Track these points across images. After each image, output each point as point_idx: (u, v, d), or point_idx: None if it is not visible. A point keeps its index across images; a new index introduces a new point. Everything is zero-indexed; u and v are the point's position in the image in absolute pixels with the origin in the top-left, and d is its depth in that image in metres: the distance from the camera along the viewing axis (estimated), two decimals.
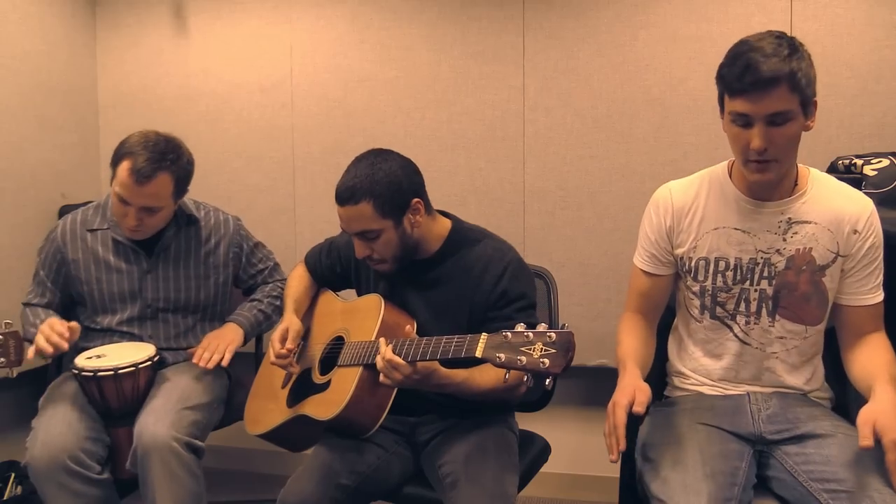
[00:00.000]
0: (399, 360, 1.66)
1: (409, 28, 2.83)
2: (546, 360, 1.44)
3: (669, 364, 1.93)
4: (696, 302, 1.80)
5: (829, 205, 1.70)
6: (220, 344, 2.18)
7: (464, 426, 1.88)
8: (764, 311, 1.74)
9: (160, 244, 2.24)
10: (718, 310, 1.78)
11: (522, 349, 1.47)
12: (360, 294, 2.07)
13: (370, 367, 1.76)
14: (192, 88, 3.07)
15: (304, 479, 1.78)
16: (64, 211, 2.77)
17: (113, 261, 2.23)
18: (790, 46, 1.56)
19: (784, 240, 1.71)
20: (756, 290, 1.74)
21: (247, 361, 2.53)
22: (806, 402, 1.76)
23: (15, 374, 1.87)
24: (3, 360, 1.71)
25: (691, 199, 1.79)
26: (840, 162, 2.25)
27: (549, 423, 2.35)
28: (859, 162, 2.19)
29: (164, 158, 2.07)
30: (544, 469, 2.10)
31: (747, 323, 1.76)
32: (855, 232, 1.68)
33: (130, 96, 3.12)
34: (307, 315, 2.14)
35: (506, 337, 1.50)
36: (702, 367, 1.83)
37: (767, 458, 1.69)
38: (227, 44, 3.02)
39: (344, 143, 2.93)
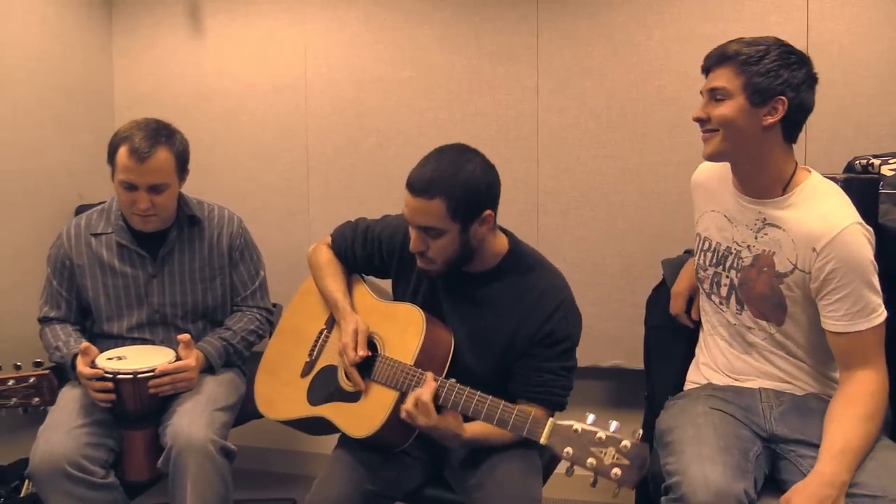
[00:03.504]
0: (431, 406, 1.62)
1: (423, 28, 2.83)
2: (618, 471, 1.40)
3: (697, 347, 1.98)
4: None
5: (803, 216, 1.69)
6: (188, 385, 2.10)
7: None
8: (733, 298, 1.82)
9: (164, 247, 2.23)
10: (705, 287, 1.89)
11: (593, 450, 1.43)
12: (395, 289, 2.00)
13: (406, 394, 1.72)
14: (206, 89, 3.08)
15: (330, 485, 1.77)
16: (80, 211, 2.78)
17: (118, 265, 2.22)
18: (758, 44, 1.67)
19: (755, 238, 1.77)
20: (727, 277, 1.82)
21: (260, 359, 2.54)
22: (822, 404, 1.74)
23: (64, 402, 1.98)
24: (37, 399, 1.85)
25: (705, 178, 1.93)
26: (857, 162, 2.23)
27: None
28: (877, 162, 2.16)
29: (159, 135, 2.10)
30: (559, 470, 2.10)
31: (720, 303, 1.85)
32: (813, 250, 1.66)
33: (146, 97, 3.14)
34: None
35: (576, 431, 1.46)
36: (710, 351, 1.89)
37: (780, 460, 1.69)
38: (241, 45, 3.03)
39: (357, 144, 2.93)
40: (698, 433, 1.64)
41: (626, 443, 1.41)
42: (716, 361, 1.87)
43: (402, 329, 1.83)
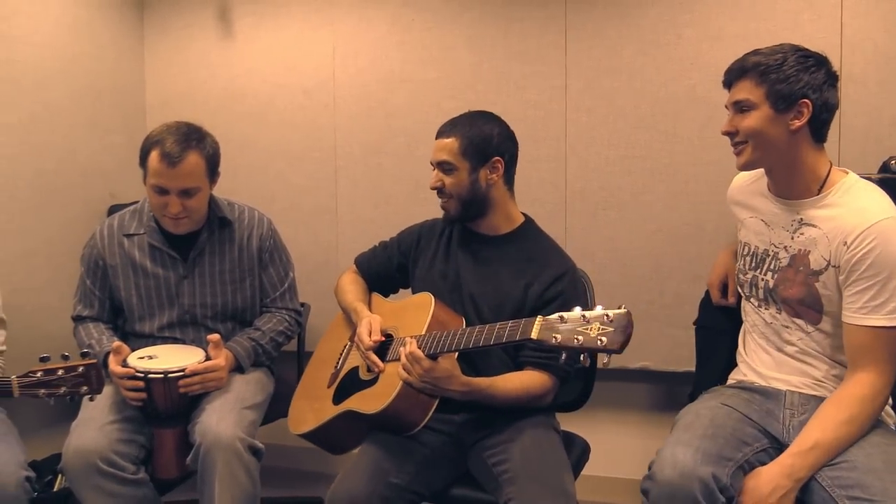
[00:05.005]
0: (420, 353, 1.72)
1: (451, 29, 2.83)
2: (604, 338, 1.47)
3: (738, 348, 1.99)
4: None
5: (838, 213, 1.70)
6: (217, 384, 2.12)
7: (510, 425, 1.88)
8: (770, 298, 1.83)
9: (195, 248, 2.25)
10: (745, 291, 1.91)
11: (579, 329, 1.50)
12: (415, 270, 2.12)
13: None
14: (236, 90, 3.11)
15: (353, 477, 1.79)
16: (112, 210, 2.83)
17: (150, 266, 2.24)
18: (774, 53, 1.69)
19: (792, 238, 1.78)
20: (763, 280, 1.84)
21: (289, 358, 2.56)
22: None
23: (96, 399, 2.01)
24: (86, 388, 1.89)
25: (738, 191, 1.97)
26: (893, 161, 2.20)
27: (588, 424, 2.33)
28: None
29: (190, 139, 2.12)
30: (585, 471, 2.09)
31: (758, 305, 1.86)
32: (844, 244, 1.66)
33: (177, 98, 3.18)
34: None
35: (561, 318, 1.54)
36: (749, 350, 1.90)
37: None
38: (270, 46, 3.06)
39: (385, 144, 2.94)
40: (693, 422, 1.70)
41: (608, 313, 1.49)
42: (752, 361, 1.87)
43: (414, 315, 1.94)
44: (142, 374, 2.03)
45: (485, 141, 1.96)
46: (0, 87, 2.57)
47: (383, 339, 1.95)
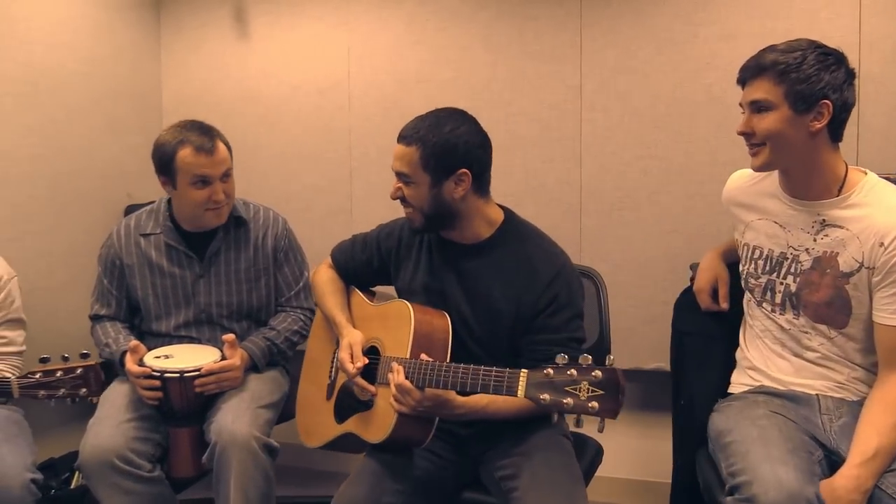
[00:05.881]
0: (408, 384, 1.64)
1: (466, 28, 2.83)
2: (595, 404, 1.37)
3: (739, 352, 1.94)
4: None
5: (866, 213, 1.67)
6: (232, 384, 2.14)
7: (518, 437, 1.81)
8: (788, 304, 1.78)
9: (211, 247, 2.26)
10: (756, 295, 1.85)
11: (567, 389, 1.40)
12: (397, 280, 2.01)
13: None
14: (252, 91, 3.13)
15: (357, 484, 1.78)
16: (129, 210, 2.85)
17: (166, 265, 2.26)
18: (793, 50, 1.64)
19: (814, 240, 1.73)
20: (781, 284, 1.78)
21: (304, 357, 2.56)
22: None
23: (96, 401, 2.00)
24: (84, 390, 1.88)
25: (737, 192, 1.92)
26: None
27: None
28: None
29: (208, 129, 2.18)
30: (597, 473, 2.08)
31: (773, 311, 1.81)
32: (881, 245, 1.64)
33: (193, 99, 3.20)
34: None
35: (547, 374, 1.44)
36: (759, 355, 1.85)
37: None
38: (286, 47, 3.07)
39: None
40: (763, 434, 1.63)
41: (596, 373, 1.39)
42: (768, 367, 1.83)
43: (396, 326, 1.83)
44: (158, 374, 2.04)
45: (448, 151, 1.75)
46: (19, 90, 2.60)
47: (367, 362, 1.86)
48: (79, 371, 1.86)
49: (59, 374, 1.85)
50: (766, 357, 1.84)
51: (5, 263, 2.20)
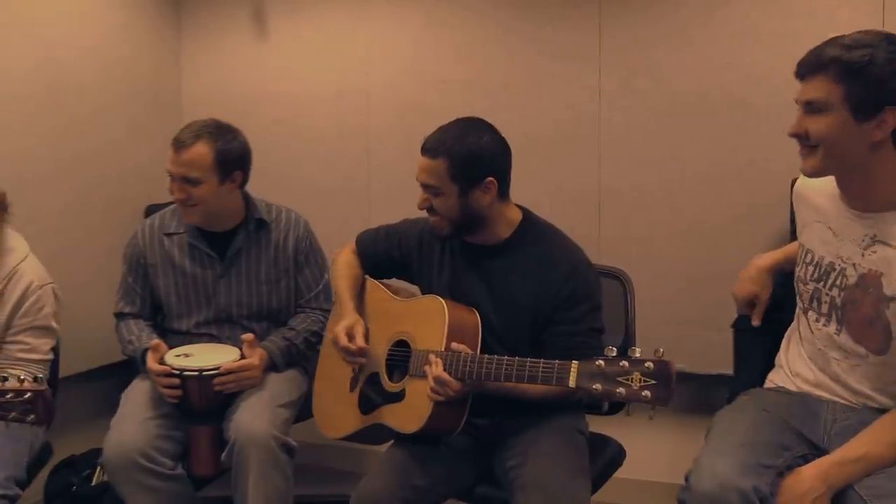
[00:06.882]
0: (447, 377, 1.69)
1: (484, 28, 2.83)
2: (648, 392, 1.42)
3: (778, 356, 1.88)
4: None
5: None
6: (252, 383, 2.14)
7: (534, 428, 1.86)
8: (834, 317, 1.65)
9: (231, 248, 2.28)
10: (804, 302, 1.74)
11: (620, 379, 1.44)
12: (421, 279, 2.04)
13: None
14: (271, 91, 3.14)
15: (377, 479, 1.80)
16: (150, 211, 2.87)
17: (188, 265, 2.28)
18: (859, 46, 1.44)
19: (862, 255, 1.58)
20: (828, 295, 1.66)
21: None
22: None
23: (45, 428, 1.86)
24: (32, 416, 1.66)
25: (810, 190, 1.74)
26: None
27: (623, 427, 2.30)
28: None
29: (205, 131, 2.15)
30: (618, 474, 2.07)
31: (817, 320, 1.69)
32: None
33: (212, 99, 3.21)
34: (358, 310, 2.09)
35: (599, 366, 1.47)
36: (794, 359, 1.78)
37: None
38: (304, 47, 3.08)
39: (418, 145, 2.89)
40: (730, 427, 1.62)
41: (648, 364, 1.43)
42: (799, 371, 1.75)
43: (427, 320, 1.87)
44: (178, 372, 2.06)
45: (476, 161, 1.79)
46: (42, 90, 2.63)
47: (367, 346, 1.91)
48: (27, 395, 1.63)
49: (9, 395, 1.63)
50: (793, 360, 1.77)
51: (42, 270, 2.12)
